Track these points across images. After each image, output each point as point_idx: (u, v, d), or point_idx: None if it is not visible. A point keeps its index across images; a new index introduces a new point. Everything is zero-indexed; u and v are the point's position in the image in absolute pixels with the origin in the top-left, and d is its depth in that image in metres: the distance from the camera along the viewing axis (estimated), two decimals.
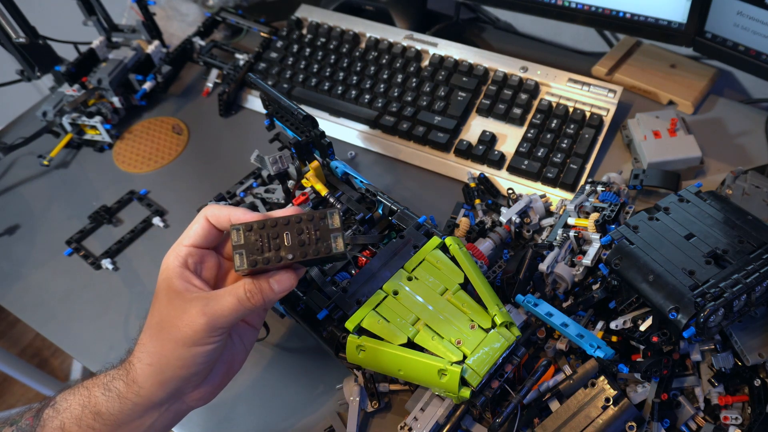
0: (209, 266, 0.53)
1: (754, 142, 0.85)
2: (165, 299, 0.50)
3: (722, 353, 0.59)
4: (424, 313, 0.58)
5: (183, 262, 0.51)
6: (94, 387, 0.50)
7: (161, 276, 0.51)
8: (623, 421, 0.56)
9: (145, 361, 0.49)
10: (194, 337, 0.48)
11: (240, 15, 1.09)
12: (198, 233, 0.52)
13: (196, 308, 0.48)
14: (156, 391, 0.49)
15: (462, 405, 0.60)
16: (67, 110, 0.94)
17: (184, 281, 0.50)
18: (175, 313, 0.49)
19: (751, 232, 0.59)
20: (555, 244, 0.68)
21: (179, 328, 0.48)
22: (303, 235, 0.49)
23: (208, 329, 0.48)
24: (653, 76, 0.92)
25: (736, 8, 0.78)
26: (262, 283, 0.50)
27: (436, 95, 0.91)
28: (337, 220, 0.50)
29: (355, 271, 0.63)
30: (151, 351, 0.49)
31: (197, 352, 0.49)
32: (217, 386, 0.54)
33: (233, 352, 0.55)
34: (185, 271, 0.51)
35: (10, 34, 0.92)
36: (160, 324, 0.49)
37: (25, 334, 1.80)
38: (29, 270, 0.85)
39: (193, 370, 0.50)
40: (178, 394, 0.51)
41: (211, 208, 0.52)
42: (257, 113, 0.99)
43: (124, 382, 0.50)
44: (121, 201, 0.90)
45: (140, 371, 0.49)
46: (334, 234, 0.50)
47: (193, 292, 0.49)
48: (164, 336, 0.49)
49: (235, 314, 0.49)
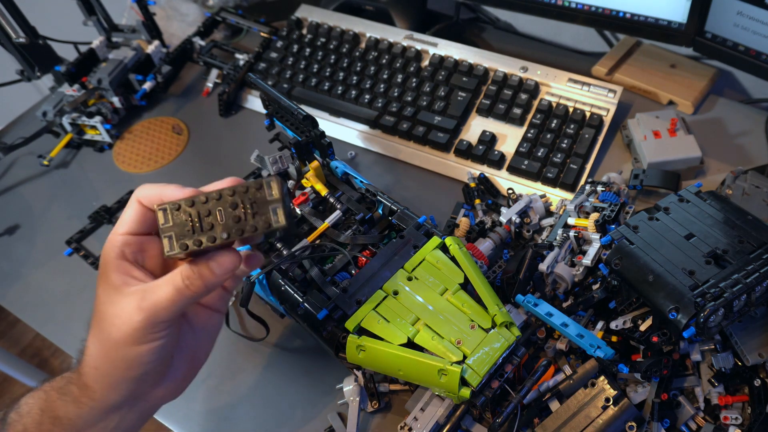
0: (152, 254, 0.48)
1: (754, 142, 0.85)
2: (103, 295, 0.46)
3: (722, 353, 0.59)
4: (424, 313, 0.58)
5: (119, 252, 0.46)
6: (52, 390, 0.48)
7: (99, 270, 0.47)
8: (623, 421, 0.56)
9: (91, 365, 0.46)
10: (134, 335, 0.44)
11: (240, 15, 1.09)
12: (132, 218, 0.47)
13: (133, 304, 0.44)
14: (109, 394, 0.46)
15: (462, 405, 0.60)
16: (67, 110, 0.94)
17: (122, 274, 0.45)
18: (112, 310, 0.45)
19: (751, 232, 0.59)
20: (555, 244, 0.68)
21: (118, 327, 0.44)
22: (237, 210, 0.44)
23: (147, 325, 0.44)
24: (653, 76, 0.92)
25: (736, 8, 0.78)
26: (200, 267, 0.44)
27: (436, 95, 0.91)
28: (276, 190, 0.44)
29: (355, 271, 0.63)
30: (95, 353, 0.46)
31: (142, 351, 0.45)
32: (182, 380, 0.51)
33: (195, 342, 0.50)
34: (123, 262, 0.46)
35: (10, 34, 0.92)
36: (100, 324, 0.46)
37: (25, 334, 1.80)
38: (29, 270, 0.85)
39: (142, 369, 0.46)
40: (136, 395, 0.48)
41: (142, 189, 0.47)
42: (257, 113, 0.99)
43: (77, 387, 0.47)
44: (121, 201, 0.90)
45: (90, 375, 0.46)
46: (273, 206, 0.44)
47: (131, 285, 0.45)
48: (104, 336, 0.45)
49: (175, 306, 0.44)
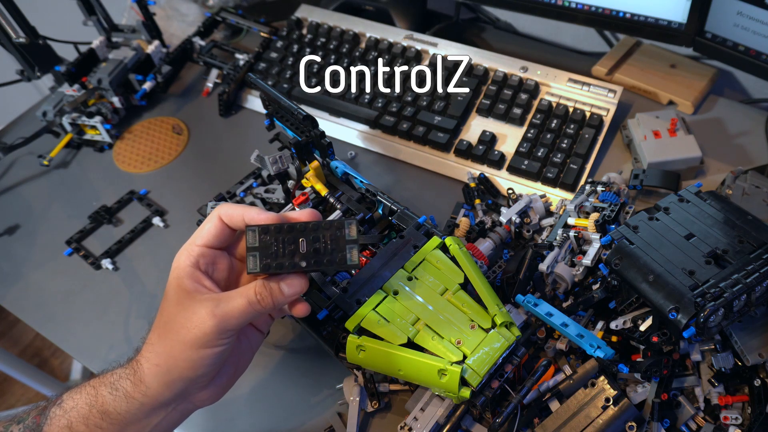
0: (221, 268, 0.52)
1: (754, 142, 0.85)
2: (174, 299, 0.49)
3: (722, 353, 0.59)
4: (424, 313, 0.58)
5: (194, 262, 0.50)
6: (101, 386, 0.50)
7: (172, 275, 0.50)
8: (623, 421, 0.56)
9: (152, 361, 0.49)
10: (203, 339, 0.48)
11: (240, 15, 1.09)
12: (211, 233, 0.51)
13: (206, 309, 0.48)
14: (163, 391, 0.49)
15: (462, 405, 0.60)
16: (67, 110, 0.94)
17: (195, 282, 0.49)
18: (184, 314, 0.48)
19: (751, 232, 0.59)
20: (555, 244, 0.68)
21: (188, 329, 0.48)
22: (318, 243, 0.49)
23: (217, 331, 0.48)
24: (653, 76, 0.92)
25: (736, 8, 0.78)
26: (272, 285, 0.49)
27: (436, 95, 0.91)
28: (354, 231, 0.49)
29: (355, 271, 0.63)
30: (159, 351, 0.49)
31: (206, 354, 0.48)
32: (224, 387, 0.54)
33: (240, 354, 0.55)
34: (196, 271, 0.50)
35: (10, 34, 0.92)
36: (169, 324, 0.49)
37: (25, 334, 1.80)
38: (29, 270, 0.85)
39: (201, 371, 0.49)
40: (184, 394, 0.51)
41: (224, 207, 0.51)
42: (257, 113, 0.99)
43: (131, 382, 0.50)
44: (121, 201, 0.90)
45: (147, 371, 0.49)
46: (350, 245, 0.49)
47: (203, 293, 0.49)
48: (172, 336, 0.48)
49: (245, 316, 0.49)
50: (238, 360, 0.55)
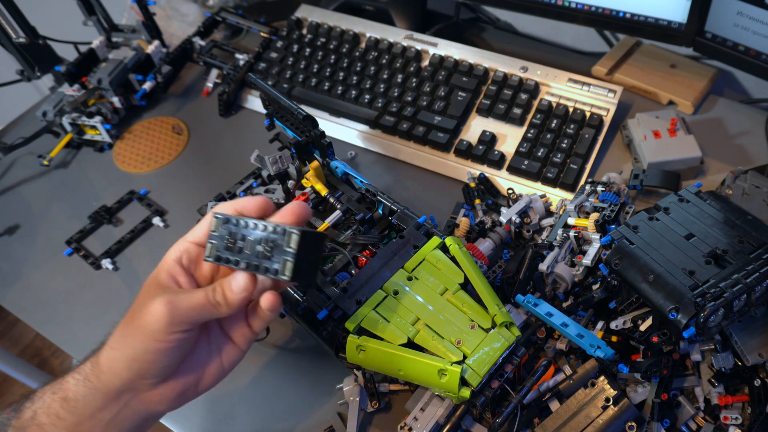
0: (206, 266, 0.51)
1: (754, 142, 0.85)
2: (145, 289, 0.50)
3: (722, 353, 0.59)
4: (424, 313, 0.58)
5: (178, 257, 0.50)
6: (69, 374, 0.51)
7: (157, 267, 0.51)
8: (623, 421, 0.56)
9: (109, 344, 0.50)
10: (154, 326, 0.47)
11: (240, 15, 1.09)
12: (203, 231, 0.51)
13: (163, 298, 0.47)
14: (113, 377, 0.49)
15: (462, 405, 0.60)
16: (67, 110, 0.94)
17: (170, 276, 0.49)
18: (145, 301, 0.48)
19: (751, 232, 0.59)
20: (555, 244, 0.68)
21: (142, 314, 0.47)
22: (261, 246, 0.45)
23: (169, 320, 0.46)
24: (653, 76, 0.92)
25: (736, 8, 0.78)
26: (223, 282, 0.48)
27: (436, 95, 0.91)
28: (294, 243, 0.44)
29: (355, 271, 0.63)
30: (117, 336, 0.49)
31: (156, 347, 0.47)
32: (180, 395, 0.51)
33: (207, 363, 0.52)
34: (176, 266, 0.50)
35: (10, 34, 0.92)
36: (131, 311, 0.49)
37: (25, 334, 1.80)
38: (29, 270, 0.85)
39: (150, 363, 0.48)
40: (134, 386, 0.49)
41: (220, 206, 0.51)
42: (257, 113, 0.99)
43: (91, 364, 0.50)
44: (121, 201, 0.90)
45: (104, 354, 0.50)
46: (286, 256, 0.45)
47: (172, 286, 0.49)
48: (130, 322, 0.48)
49: (199, 310, 0.47)
50: (204, 370, 0.52)
